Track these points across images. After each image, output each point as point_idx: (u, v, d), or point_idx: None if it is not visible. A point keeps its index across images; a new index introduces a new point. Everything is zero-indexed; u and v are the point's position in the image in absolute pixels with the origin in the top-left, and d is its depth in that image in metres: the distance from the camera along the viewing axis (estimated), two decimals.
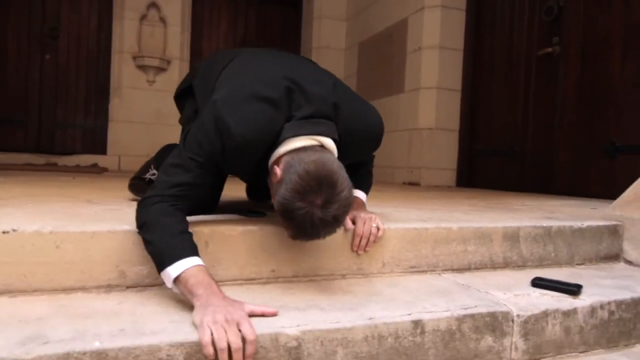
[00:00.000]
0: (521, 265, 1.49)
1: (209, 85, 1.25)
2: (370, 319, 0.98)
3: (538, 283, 1.29)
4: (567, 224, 1.58)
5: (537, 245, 1.51)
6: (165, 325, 0.88)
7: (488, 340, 1.08)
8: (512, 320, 1.11)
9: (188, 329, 0.86)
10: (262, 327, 0.89)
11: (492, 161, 3.62)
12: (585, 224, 1.61)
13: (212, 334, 0.82)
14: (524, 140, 3.35)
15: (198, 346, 0.83)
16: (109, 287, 1.06)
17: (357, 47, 4.99)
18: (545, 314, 1.14)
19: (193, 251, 0.98)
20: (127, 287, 1.08)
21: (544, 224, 1.53)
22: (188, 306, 0.95)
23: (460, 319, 1.05)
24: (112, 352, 0.78)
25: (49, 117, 4.67)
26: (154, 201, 1.03)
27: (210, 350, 0.80)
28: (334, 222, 1.00)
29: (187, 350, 0.83)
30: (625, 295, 1.28)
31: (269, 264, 1.20)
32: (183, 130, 1.38)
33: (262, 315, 0.94)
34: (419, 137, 3.89)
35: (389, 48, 4.38)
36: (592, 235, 1.61)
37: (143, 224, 1.02)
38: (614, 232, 1.65)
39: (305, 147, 1.07)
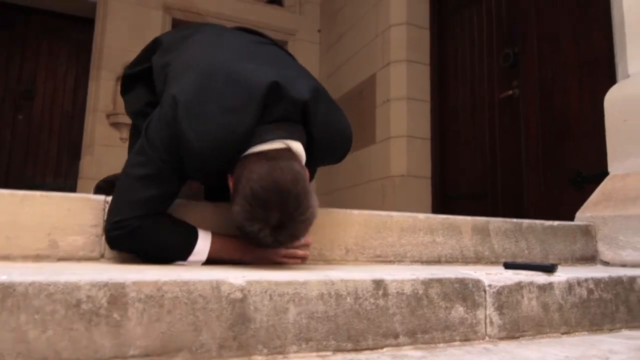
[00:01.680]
0: (494, 261, 1.42)
1: (167, 67, 1.20)
2: (326, 276, 0.88)
3: (510, 264, 1.22)
4: (538, 221, 1.53)
5: (508, 241, 1.45)
6: (90, 271, 0.77)
7: (459, 310, 0.98)
8: (484, 290, 1.02)
9: (115, 274, 0.76)
10: (202, 274, 0.79)
11: (464, 204, 3.61)
12: (557, 222, 1.57)
13: None
14: (493, 181, 3.38)
15: (125, 289, 0.72)
16: (38, 257, 0.95)
17: None
18: (519, 286, 1.06)
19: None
20: (59, 259, 0.97)
21: (514, 220, 1.49)
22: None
23: (427, 283, 0.96)
24: (21, 286, 0.67)
25: (19, 176, 4.56)
26: (133, 224, 0.95)
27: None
28: (291, 240, 0.99)
29: (111, 293, 0.72)
30: (603, 274, 1.21)
31: None
32: (134, 124, 1.33)
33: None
34: (392, 184, 3.90)
35: (360, 103, 4.52)
36: (564, 234, 1.56)
37: (139, 245, 0.98)
38: (587, 232, 1.60)
39: (260, 153, 0.98)
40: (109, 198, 1.02)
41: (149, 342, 0.73)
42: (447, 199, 3.78)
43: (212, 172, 1.03)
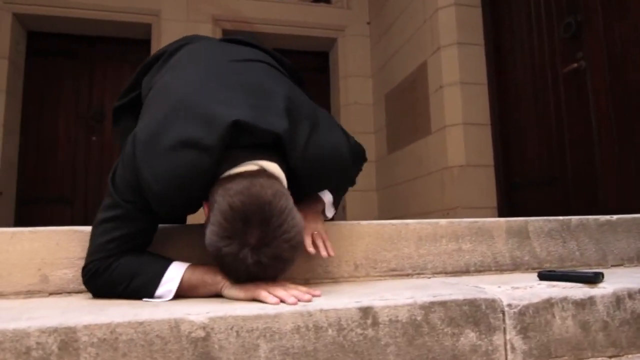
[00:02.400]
0: (536, 267, 1.24)
1: (149, 92, 1.14)
2: (303, 306, 0.80)
3: (546, 275, 1.05)
4: (591, 217, 1.32)
5: (554, 242, 1.26)
6: (50, 312, 0.75)
7: (470, 336, 0.85)
8: (502, 312, 0.87)
9: (71, 315, 0.73)
10: (159, 312, 0.74)
11: (532, 192, 3.31)
12: (616, 217, 1.34)
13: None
14: (562, 165, 3.05)
15: (76, 333, 0.69)
16: (30, 293, 0.96)
17: (384, 99, 4.98)
18: (549, 304, 0.90)
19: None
20: (50, 294, 0.97)
21: (560, 218, 1.29)
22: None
23: (427, 308, 0.83)
24: None
25: (95, 197, 4.91)
26: (93, 268, 0.90)
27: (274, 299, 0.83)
28: (274, 264, 0.84)
29: (61, 338, 0.69)
30: None
31: None
32: None
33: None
34: (450, 176, 3.67)
35: (412, 94, 4.32)
36: (627, 230, 1.33)
37: (102, 286, 0.91)
38: None
39: (236, 175, 0.90)
40: None
41: None
42: (512, 187, 3.49)
43: (183, 207, 0.97)
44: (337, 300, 0.83)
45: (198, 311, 0.76)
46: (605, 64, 2.76)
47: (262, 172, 0.91)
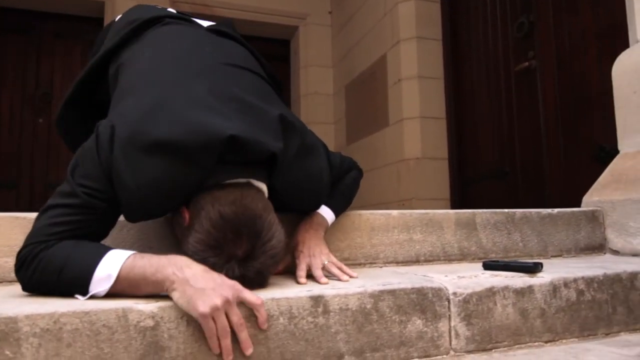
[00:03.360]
0: (482, 257, 1.30)
1: (120, 69, 1.06)
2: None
3: (490, 264, 1.10)
4: (534, 210, 1.39)
5: (499, 234, 1.32)
6: None
7: (417, 323, 0.88)
8: (447, 300, 0.91)
9: (12, 304, 0.70)
10: (106, 302, 0.73)
11: (484, 185, 3.44)
12: (556, 210, 1.42)
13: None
14: (512, 159, 3.19)
15: (17, 323, 0.67)
16: None
17: (344, 90, 5.00)
18: (491, 292, 0.95)
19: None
20: None
21: (505, 210, 1.35)
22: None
23: (377, 296, 0.86)
24: None
25: (41, 179, 4.69)
26: (29, 253, 0.78)
27: (216, 346, 0.72)
28: (257, 279, 0.82)
29: (1, 329, 0.66)
30: (597, 272, 1.07)
31: None
32: None
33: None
34: (407, 167, 3.75)
35: (372, 85, 4.37)
36: (566, 223, 1.41)
37: (33, 273, 0.78)
38: (593, 218, 1.45)
39: (226, 184, 0.86)
40: None
41: None
42: (465, 180, 3.61)
43: (157, 214, 0.93)
44: (289, 290, 0.84)
45: (147, 300, 0.75)
46: (554, 63, 2.89)
47: (251, 184, 0.89)
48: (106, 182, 0.83)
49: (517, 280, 0.98)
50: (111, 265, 0.76)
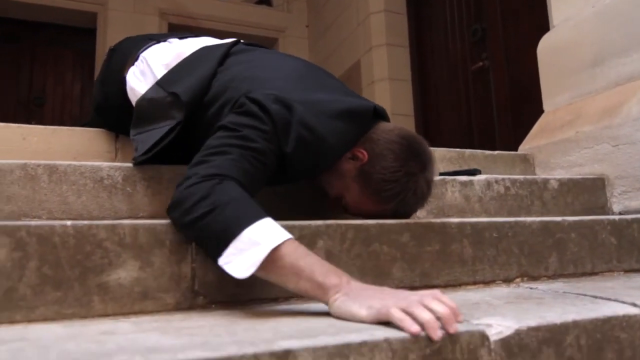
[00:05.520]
0: None
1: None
2: None
3: (444, 172, 1.50)
4: (479, 150, 1.81)
5: (452, 166, 1.73)
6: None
7: None
8: None
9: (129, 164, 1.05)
10: None
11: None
12: (497, 152, 1.85)
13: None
14: (471, 144, 3.65)
15: (133, 170, 1.01)
16: None
17: None
18: (443, 182, 1.34)
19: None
20: None
21: (457, 149, 1.77)
22: None
23: None
24: (62, 167, 0.97)
25: None
26: (216, 181, 0.75)
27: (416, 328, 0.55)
28: (430, 190, 0.99)
29: (124, 173, 1.01)
30: (520, 176, 1.48)
31: None
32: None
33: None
34: None
35: (348, 87, 4.81)
36: (504, 162, 1.84)
37: (198, 201, 0.72)
38: (525, 159, 1.88)
39: (381, 125, 1.02)
40: (120, 134, 1.31)
41: (152, 209, 1.02)
42: None
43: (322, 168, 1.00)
44: None
45: None
46: (503, 63, 3.39)
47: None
48: (276, 136, 0.86)
49: (462, 177, 1.39)
50: (267, 234, 0.67)
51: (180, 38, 1.22)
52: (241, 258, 0.66)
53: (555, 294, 0.88)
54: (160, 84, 1.04)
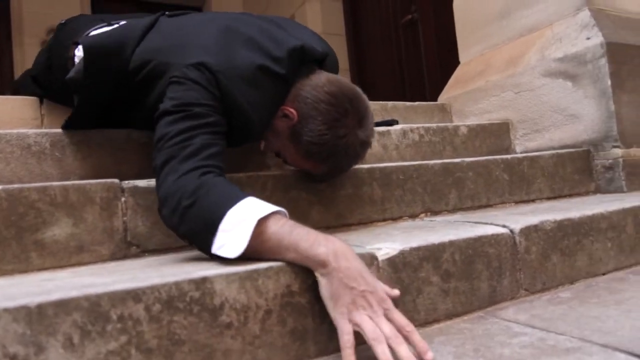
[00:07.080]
0: None
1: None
2: None
3: None
4: (400, 102, 1.94)
5: (375, 118, 1.85)
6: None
7: None
8: None
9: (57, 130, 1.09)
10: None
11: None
12: (417, 103, 1.98)
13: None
14: (403, 93, 3.81)
15: (62, 135, 1.05)
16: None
17: None
18: None
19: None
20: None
21: (380, 102, 1.89)
22: None
23: None
24: None
25: None
26: (197, 173, 0.75)
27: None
28: (368, 145, 0.95)
29: (51, 139, 1.05)
30: (433, 124, 1.63)
31: None
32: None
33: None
34: None
35: None
36: (423, 112, 1.98)
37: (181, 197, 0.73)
38: (443, 109, 2.04)
39: (309, 76, 0.95)
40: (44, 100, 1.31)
41: (84, 172, 1.07)
42: None
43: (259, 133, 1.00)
44: None
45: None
46: (431, 15, 3.51)
47: (322, 71, 1.00)
48: (222, 105, 0.86)
49: (381, 128, 1.51)
50: (249, 211, 0.69)
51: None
52: (231, 238, 0.67)
53: (448, 223, 1.03)
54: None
